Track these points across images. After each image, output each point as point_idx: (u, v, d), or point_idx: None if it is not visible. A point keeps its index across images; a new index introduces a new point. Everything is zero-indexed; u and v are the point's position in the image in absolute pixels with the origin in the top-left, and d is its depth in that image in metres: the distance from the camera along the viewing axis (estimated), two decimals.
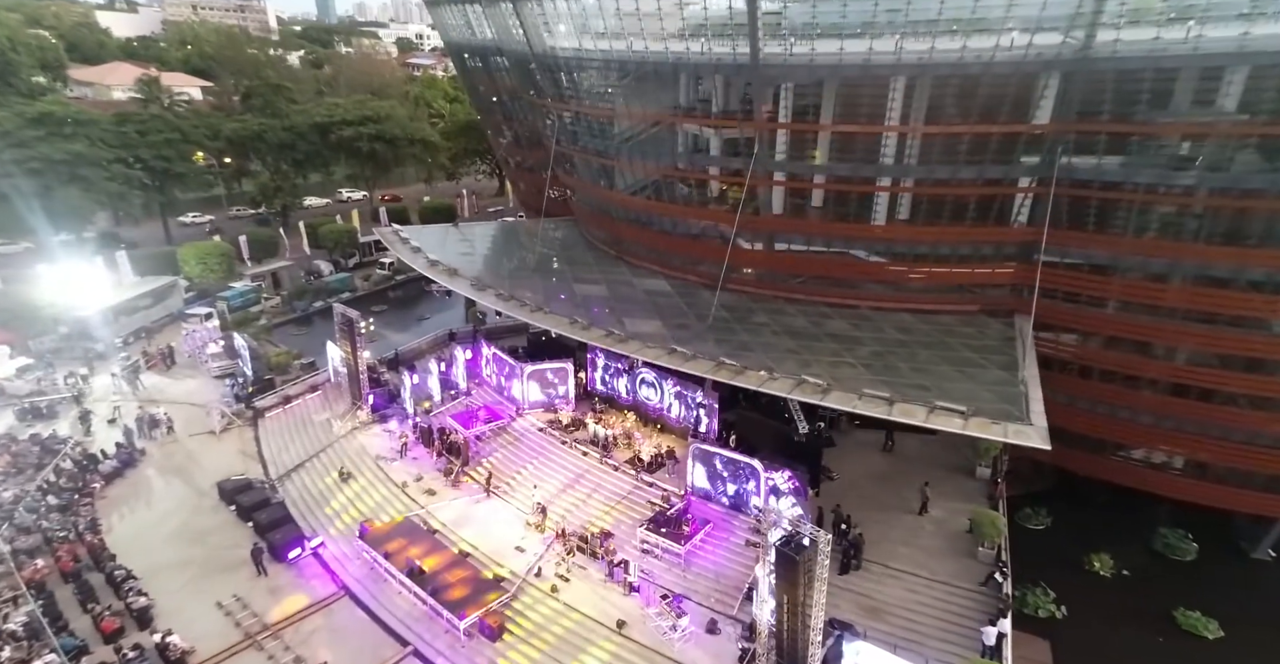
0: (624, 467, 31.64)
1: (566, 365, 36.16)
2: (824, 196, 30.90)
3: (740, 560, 26.31)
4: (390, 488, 32.04)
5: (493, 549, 28.00)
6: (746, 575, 25.51)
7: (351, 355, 36.46)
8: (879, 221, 29.56)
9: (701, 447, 28.68)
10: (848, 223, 30.37)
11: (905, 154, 27.84)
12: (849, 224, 30.36)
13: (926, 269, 30.16)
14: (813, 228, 31.15)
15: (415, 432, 35.57)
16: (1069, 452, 30.10)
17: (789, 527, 20.58)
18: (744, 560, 26.27)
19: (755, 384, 23.70)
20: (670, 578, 26.16)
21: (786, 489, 26.17)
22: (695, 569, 26.28)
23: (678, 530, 26.97)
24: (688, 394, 32.60)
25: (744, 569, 25.92)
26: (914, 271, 30.38)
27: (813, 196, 31.24)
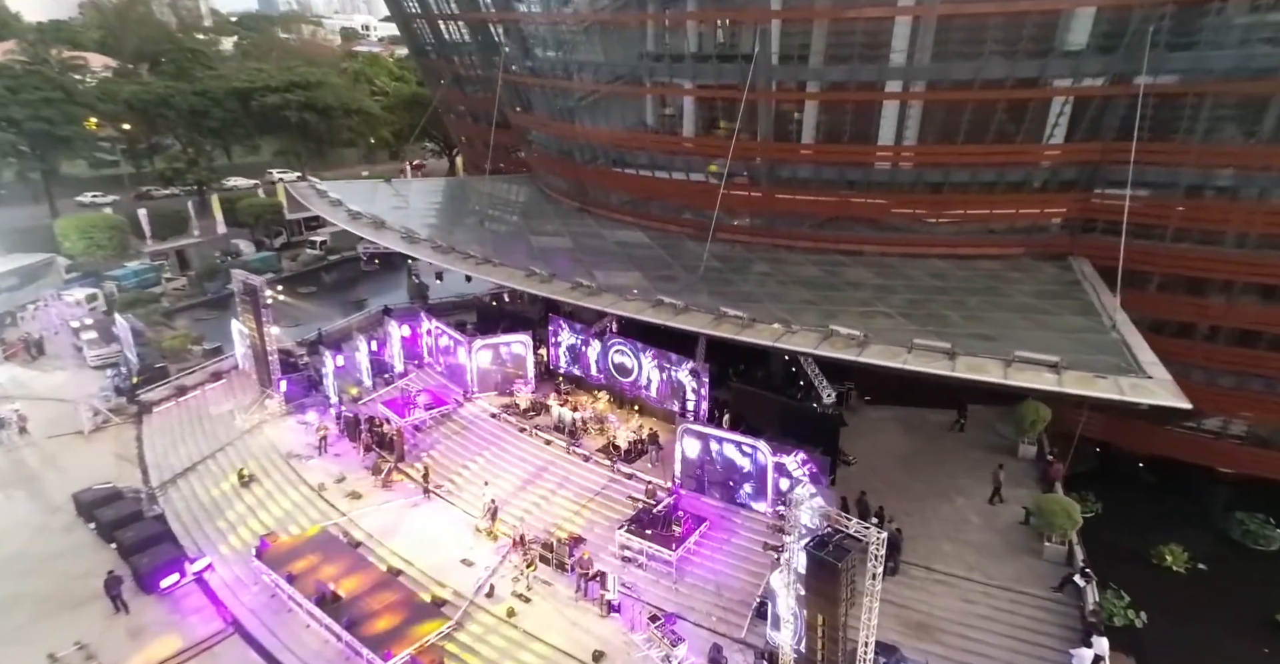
0: (596, 456, 26.39)
1: (524, 339, 30.71)
2: (833, 115, 25.66)
3: (746, 567, 21.30)
4: (303, 492, 26.20)
5: (432, 564, 22.49)
6: (755, 586, 20.54)
7: (256, 332, 30.39)
8: (905, 141, 24.52)
9: (692, 428, 23.59)
10: (865, 147, 25.26)
11: (937, 46, 22.89)
12: (866, 148, 25.28)
13: (962, 204, 25.40)
14: (824, 154, 25.99)
15: (339, 423, 29.72)
16: (1123, 424, 25.91)
17: (816, 523, 15.65)
18: (750, 567, 21.26)
19: (770, 339, 18.69)
20: (659, 593, 21.02)
21: (799, 476, 21.24)
22: (690, 580, 21.19)
23: (667, 532, 21.83)
24: (671, 367, 27.47)
25: (751, 578, 20.92)
26: (947, 208, 25.57)
27: (819, 116, 25.99)
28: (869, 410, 29.23)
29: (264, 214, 60.95)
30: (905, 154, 25.01)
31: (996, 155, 23.93)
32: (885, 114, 24.29)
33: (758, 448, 22.12)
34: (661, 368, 27.95)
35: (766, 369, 29.09)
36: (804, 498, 16.29)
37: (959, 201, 25.30)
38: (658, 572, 21.63)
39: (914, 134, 24.38)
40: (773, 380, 28.43)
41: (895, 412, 28.75)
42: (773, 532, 22.01)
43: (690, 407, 26.73)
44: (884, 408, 28.91)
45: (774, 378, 28.76)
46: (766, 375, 28.91)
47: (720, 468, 23.20)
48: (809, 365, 22.93)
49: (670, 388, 27.91)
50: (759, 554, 21.55)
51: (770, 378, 28.72)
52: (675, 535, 21.69)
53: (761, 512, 22.69)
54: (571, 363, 31.58)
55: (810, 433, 23.12)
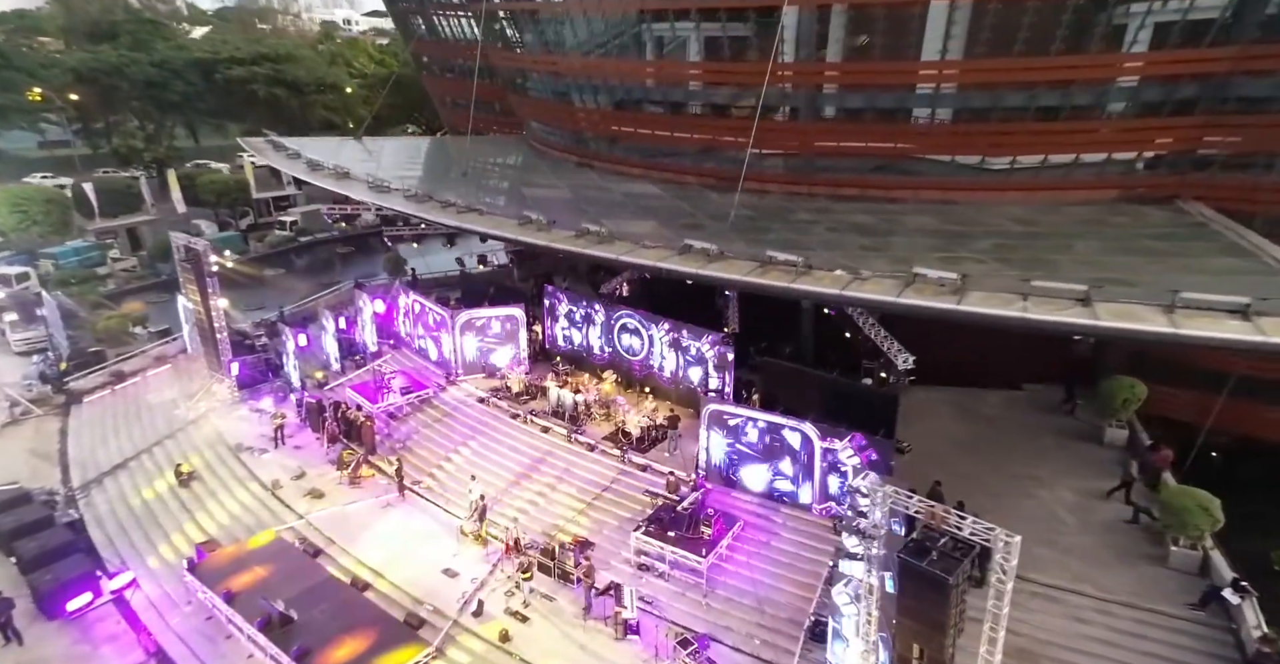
0: (603, 445, 22.68)
1: (516, 312, 26.92)
2: (884, 24, 21.65)
3: (791, 576, 17.64)
4: (254, 491, 22.33)
5: (407, 576, 18.72)
6: (805, 601, 16.89)
7: (202, 306, 26.41)
8: (967, 54, 20.62)
9: (721, 409, 19.89)
10: (915, 65, 21.35)
11: None
12: (919, 66, 21.35)
13: (1044, 136, 21.46)
14: (874, 75, 22.27)
15: (300, 410, 25.84)
16: (1242, 403, 21.88)
17: (887, 521, 12.09)
18: (797, 576, 17.62)
19: (835, 288, 14.96)
20: (686, 609, 17.34)
21: (854, 465, 17.61)
22: (724, 593, 17.52)
23: (694, 534, 18.13)
24: (689, 341, 23.79)
25: (798, 590, 17.27)
26: (1024, 142, 21.73)
27: (865, 24, 21.87)
28: (915, 391, 25.58)
29: (228, 192, 56.81)
30: (969, 71, 21.07)
31: (1083, 69, 20.08)
32: (934, 18, 20.38)
33: (803, 432, 18.46)
34: (677, 343, 24.26)
35: (796, 344, 25.47)
36: (875, 489, 12.72)
37: (1039, 133, 21.37)
38: (682, 582, 17.95)
39: (970, 46, 20.47)
40: (804, 356, 24.85)
41: (945, 393, 25.18)
42: (823, 532, 18.41)
43: (714, 386, 23.03)
44: (932, 388, 25.32)
45: (805, 353, 25.17)
46: (796, 351, 25.30)
47: (755, 457, 19.52)
48: (870, 327, 19.16)
49: (688, 366, 24.23)
50: (805, 560, 17.92)
51: (800, 354, 25.13)
52: (704, 538, 18.00)
53: (806, 506, 19.02)
54: (570, 341, 27.86)
55: (862, 415, 19.43)
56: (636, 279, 25.96)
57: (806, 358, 24.42)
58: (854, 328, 20.58)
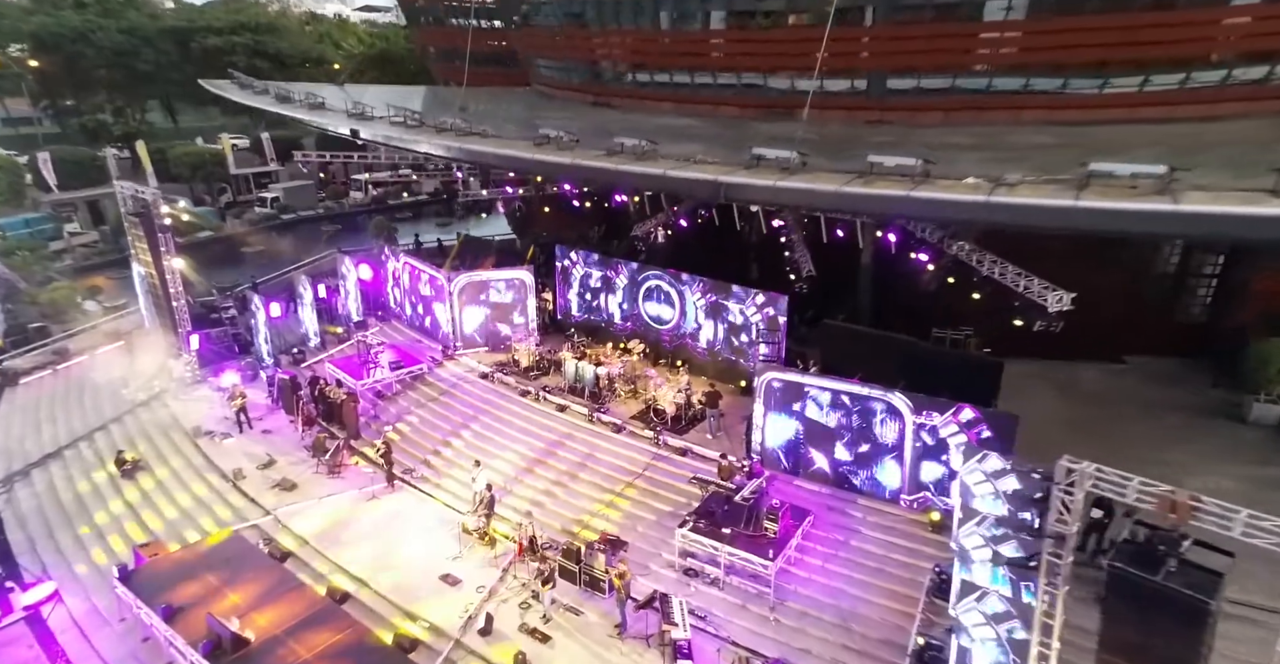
0: (631, 426, 19.23)
1: (524, 276, 23.42)
2: None
3: (881, 584, 14.10)
4: (212, 482, 18.82)
5: (398, 583, 15.25)
6: (902, 616, 13.41)
7: (155, 268, 22.83)
8: None
9: (783, 377, 16.37)
10: None
11: None
12: None
13: (1199, 29, 17.29)
14: None
15: (271, 389, 22.34)
16: None
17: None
18: (886, 583, 14.08)
19: (978, 195, 11.07)
20: (748, 626, 13.83)
21: (962, 443, 14.16)
22: (796, 605, 14.04)
23: (756, 531, 14.63)
24: (731, 304, 20.36)
25: (892, 603, 13.71)
26: (1171, 39, 17.49)
27: None
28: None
29: (203, 166, 53.21)
30: None
31: None
32: None
33: (889, 403, 14.98)
34: (716, 307, 20.81)
35: (851, 310, 21.92)
36: (1073, 467, 9.34)
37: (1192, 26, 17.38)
38: (741, 592, 14.48)
39: None
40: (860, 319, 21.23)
41: (1031, 366, 21.50)
42: (915, 529, 14.96)
43: (760, 356, 19.54)
44: (1016, 361, 21.82)
45: (861, 320, 21.60)
46: (851, 315, 21.78)
47: (825, 436, 16.03)
48: (995, 265, 15.42)
49: (728, 334, 20.80)
50: (896, 564, 14.41)
51: (855, 316, 21.58)
52: (769, 537, 14.50)
53: (892, 497, 15.54)
54: (586, 309, 24.40)
55: (952, 388, 15.86)
56: (675, 222, 22.32)
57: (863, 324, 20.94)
58: (963, 273, 16.62)
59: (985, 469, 11.44)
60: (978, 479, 12.59)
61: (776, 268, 21.14)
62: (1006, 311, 16.19)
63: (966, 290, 17.23)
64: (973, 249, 15.22)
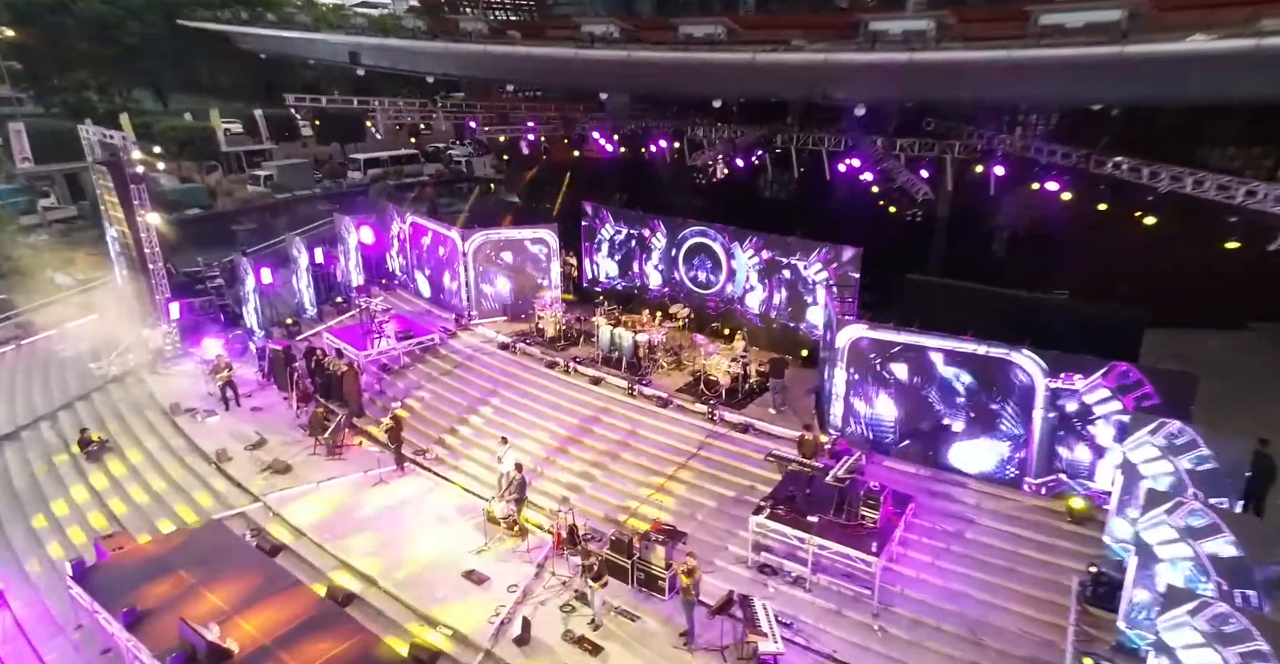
0: (679, 400, 16.77)
1: (547, 235, 20.95)
2: None
3: (1012, 587, 11.49)
4: (191, 465, 16.35)
5: (413, 581, 12.78)
6: (1047, 627, 10.81)
7: (127, 225, 20.33)
8: None
9: (875, 336, 13.80)
10: None
11: None
12: None
13: None
14: None
15: (262, 363, 19.88)
16: None
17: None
18: (1019, 586, 11.47)
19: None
20: (845, 635, 11.31)
21: (1116, 412, 11.67)
22: (905, 612, 11.52)
23: (851, 520, 12.14)
24: (792, 261, 17.89)
25: (1030, 610, 11.10)
26: None
27: None
28: None
29: (191, 142, 50.77)
30: None
31: None
32: None
33: (1015, 364, 12.43)
34: (773, 265, 18.35)
35: (922, 264, 19.12)
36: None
37: None
38: (834, 594, 11.98)
39: None
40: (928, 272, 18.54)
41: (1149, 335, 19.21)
42: (1049, 519, 12.44)
43: (824, 321, 17.05)
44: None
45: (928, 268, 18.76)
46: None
47: (927, 407, 13.52)
48: (1184, 179, 12.64)
49: (788, 297, 18.33)
50: (1030, 563, 11.79)
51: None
52: (868, 526, 12.00)
53: (1015, 480, 12.99)
54: (617, 273, 21.96)
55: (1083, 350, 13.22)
56: (733, 157, 19.71)
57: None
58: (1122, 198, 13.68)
59: (1162, 441, 9.07)
60: (1148, 455, 10.18)
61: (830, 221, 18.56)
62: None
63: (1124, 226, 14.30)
64: (1137, 163, 12.52)
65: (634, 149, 21.88)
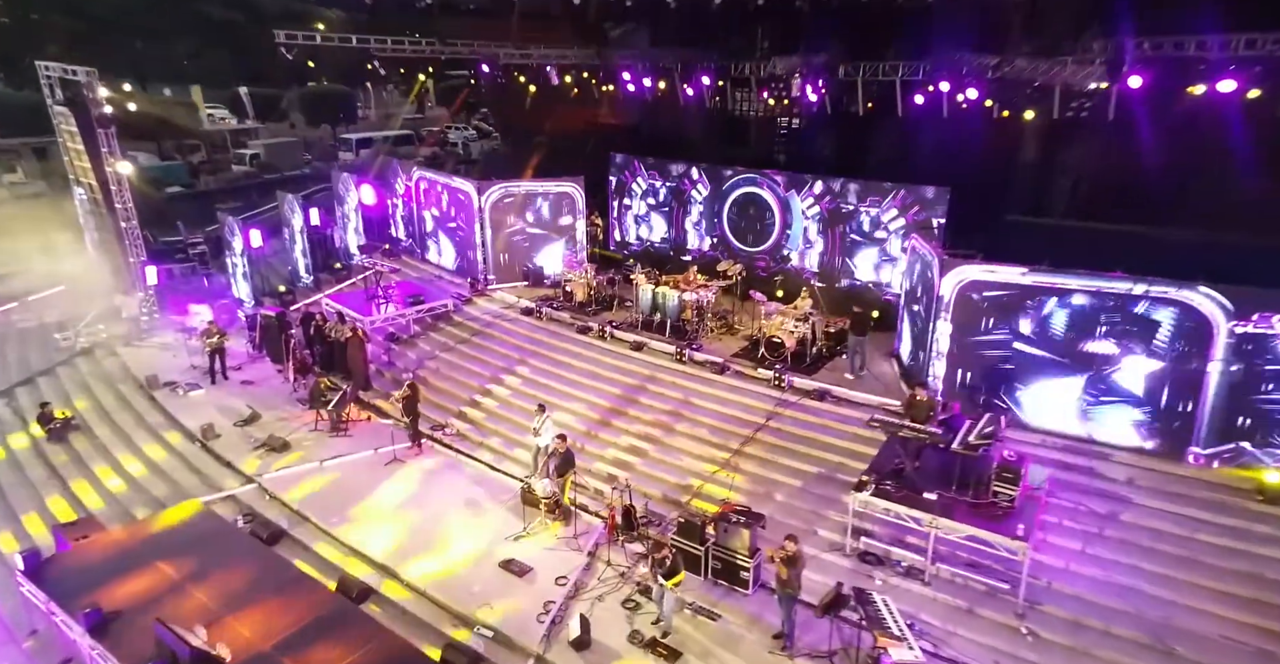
0: (736, 365, 14.80)
1: (572, 189, 18.94)
2: None
3: (1200, 582, 9.27)
4: (174, 443, 14.28)
5: (442, 573, 10.76)
6: (1265, 635, 8.79)
7: (94, 176, 18.17)
8: None
9: (991, 276, 11.65)
10: None
11: None
12: None
13: None
14: None
15: (253, 334, 17.82)
16: None
17: None
18: (1211, 581, 9.26)
19: None
20: (983, 639, 9.23)
21: None
22: (1058, 610, 9.40)
23: (981, 497, 10.10)
24: (862, 208, 15.94)
25: (1230, 611, 8.99)
26: None
27: None
28: None
29: (170, 119, 48.50)
30: None
31: None
32: None
33: (1186, 306, 10.35)
34: (836, 213, 16.40)
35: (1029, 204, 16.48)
36: None
37: None
38: (960, 588, 10.00)
39: None
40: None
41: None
42: (1230, 497, 10.41)
43: (896, 278, 15.10)
44: None
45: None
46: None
47: (1058, 362, 11.46)
48: None
49: (854, 247, 16.38)
50: (1215, 552, 9.65)
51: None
52: (1004, 505, 9.98)
53: (1176, 452, 10.89)
54: (650, 233, 19.99)
55: None
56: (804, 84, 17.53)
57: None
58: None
59: None
60: None
61: (896, 161, 16.50)
62: None
63: None
64: None
65: (667, 92, 19.81)
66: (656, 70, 17.75)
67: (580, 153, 20.02)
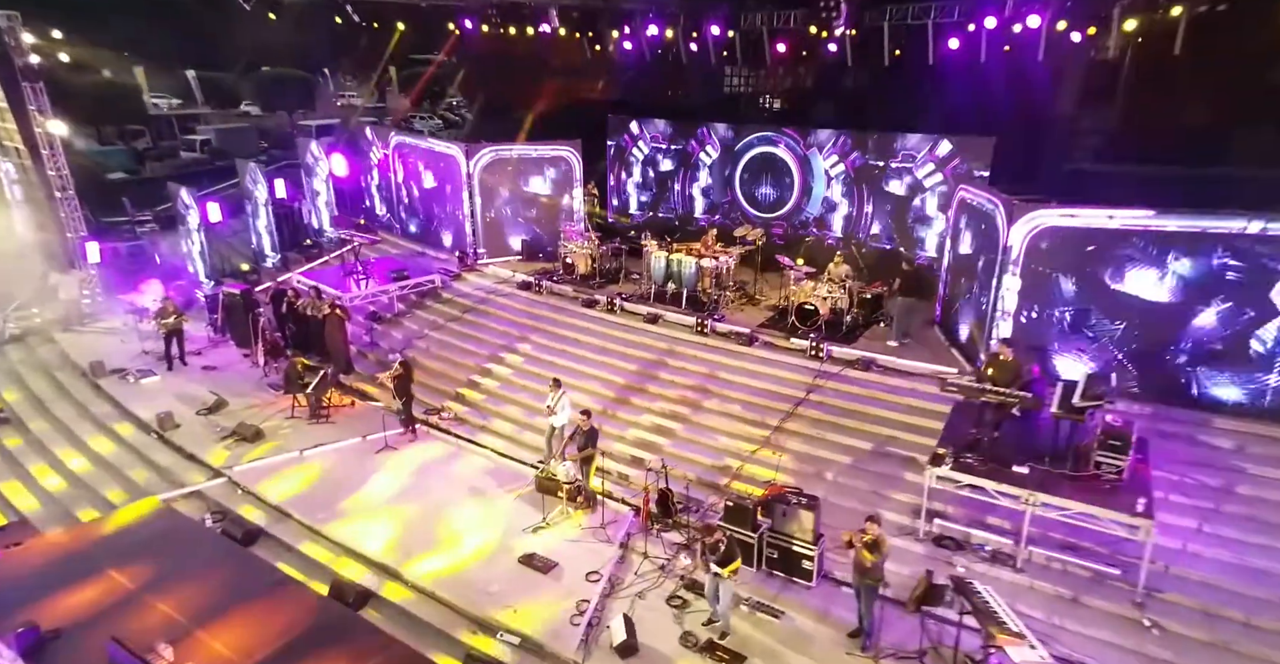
0: (765, 335, 13.56)
1: (568, 153, 17.54)
2: None
3: None
4: (125, 435, 12.56)
5: (452, 572, 9.31)
6: None
7: (21, 141, 16.21)
8: None
9: (1073, 220, 10.29)
10: None
11: None
12: None
13: None
14: None
15: (214, 316, 16.10)
16: None
17: None
18: None
19: None
20: (1096, 633, 8.07)
21: None
22: (1182, 597, 8.22)
23: (1082, 469, 8.91)
24: (894, 163, 14.84)
25: None
26: None
27: None
28: None
29: (108, 101, 45.73)
30: None
31: None
32: None
33: None
34: (865, 170, 15.28)
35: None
36: None
37: None
38: (1060, 574, 8.85)
39: None
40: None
41: None
42: None
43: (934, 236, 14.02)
44: None
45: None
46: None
47: (1149, 316, 10.28)
48: None
49: (890, 209, 15.27)
50: None
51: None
52: (1111, 478, 8.79)
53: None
54: (652, 201, 18.71)
55: None
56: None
57: None
58: None
59: None
60: None
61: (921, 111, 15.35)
62: None
63: None
64: None
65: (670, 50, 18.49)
66: (664, 16, 16.45)
67: (572, 126, 18.57)
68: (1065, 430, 9.17)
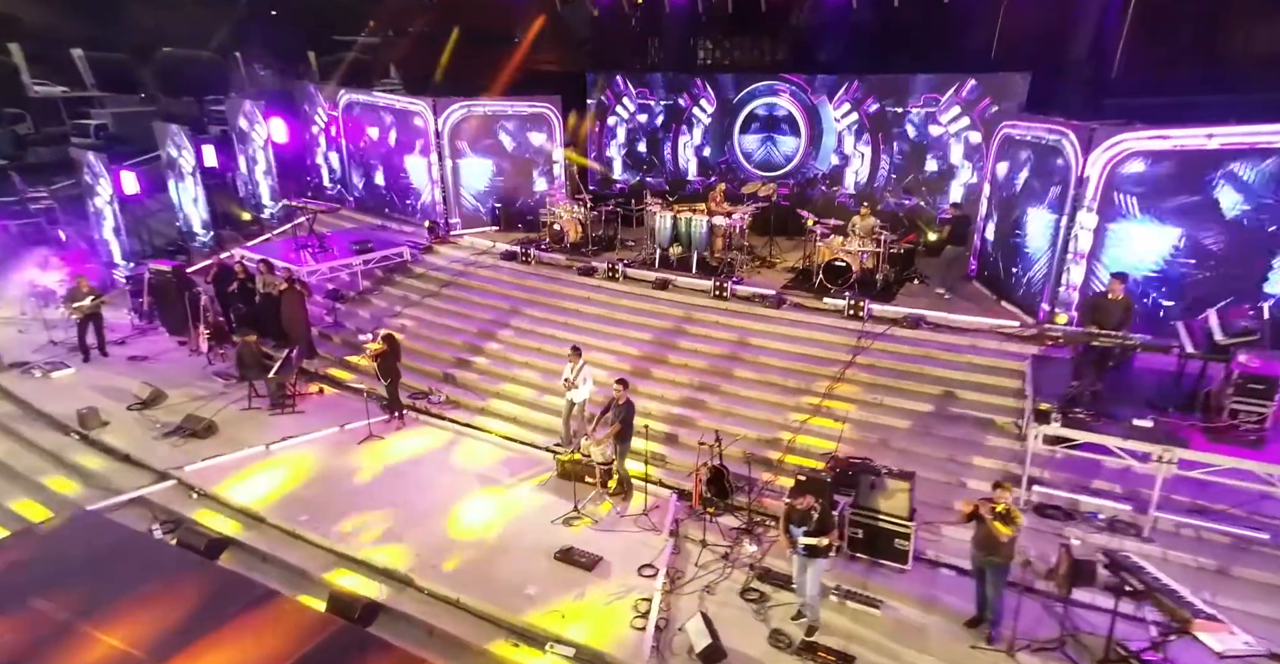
0: (792, 297, 12.35)
1: (546, 108, 15.99)
2: None
3: None
4: (32, 438, 10.44)
5: (477, 575, 7.69)
6: None
7: None
8: None
9: (1164, 144, 9.10)
10: None
11: None
12: None
13: None
14: None
15: (139, 300, 13.95)
16: None
17: None
18: None
19: None
20: (1264, 610, 7.14)
21: None
22: None
23: (1216, 418, 7.81)
24: (910, 109, 13.87)
25: None
26: None
27: None
28: None
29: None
30: None
31: None
32: None
33: None
34: (881, 117, 14.27)
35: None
36: None
37: None
38: (1196, 542, 7.83)
39: None
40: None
41: None
42: None
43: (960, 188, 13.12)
44: None
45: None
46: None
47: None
48: None
49: (912, 160, 14.30)
50: None
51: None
52: (1255, 426, 7.63)
53: None
54: (639, 164, 17.35)
55: None
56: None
57: None
58: None
59: None
60: None
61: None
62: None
63: None
64: None
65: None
66: None
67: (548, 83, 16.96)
68: (1184, 376, 8.20)
